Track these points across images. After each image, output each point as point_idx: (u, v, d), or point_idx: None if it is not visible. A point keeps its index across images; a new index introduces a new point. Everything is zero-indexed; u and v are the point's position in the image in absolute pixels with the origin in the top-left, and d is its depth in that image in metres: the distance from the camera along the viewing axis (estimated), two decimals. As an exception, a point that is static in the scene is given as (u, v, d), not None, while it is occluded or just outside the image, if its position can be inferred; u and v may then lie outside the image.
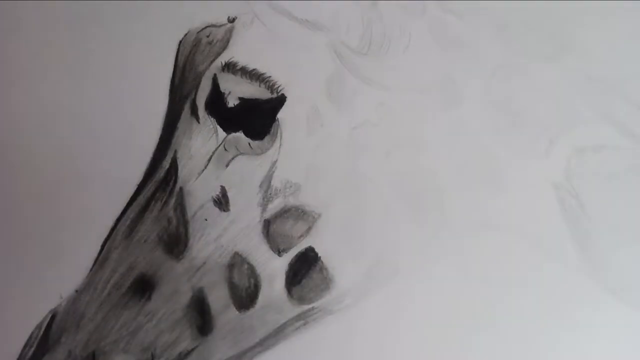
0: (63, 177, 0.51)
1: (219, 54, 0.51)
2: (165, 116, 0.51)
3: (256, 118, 0.49)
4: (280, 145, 0.49)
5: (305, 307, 0.48)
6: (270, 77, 0.50)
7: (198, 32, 0.52)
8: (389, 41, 0.51)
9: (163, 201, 0.49)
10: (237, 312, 0.48)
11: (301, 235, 0.49)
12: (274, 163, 0.49)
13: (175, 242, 0.49)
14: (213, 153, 0.50)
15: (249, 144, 0.49)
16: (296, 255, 0.48)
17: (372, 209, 0.49)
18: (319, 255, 0.48)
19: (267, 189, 0.49)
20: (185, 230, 0.49)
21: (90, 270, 0.49)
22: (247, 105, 0.49)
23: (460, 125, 0.50)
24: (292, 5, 0.52)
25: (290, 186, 0.49)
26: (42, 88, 0.52)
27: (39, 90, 0.52)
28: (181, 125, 0.50)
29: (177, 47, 0.51)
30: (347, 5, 0.52)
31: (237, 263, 0.48)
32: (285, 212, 0.49)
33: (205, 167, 0.49)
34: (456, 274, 0.49)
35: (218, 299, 0.48)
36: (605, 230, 0.49)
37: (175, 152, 0.50)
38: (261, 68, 0.50)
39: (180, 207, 0.49)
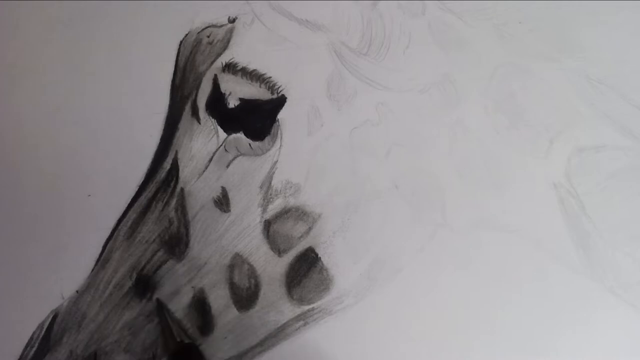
0: (64, 177, 0.51)
1: (219, 55, 0.51)
2: (166, 117, 0.51)
3: (256, 119, 0.49)
4: (280, 146, 0.49)
5: (306, 307, 0.48)
6: (270, 77, 0.50)
7: (199, 33, 0.52)
8: (389, 41, 0.51)
9: (164, 202, 0.49)
10: (237, 313, 0.48)
11: (301, 236, 0.49)
12: (275, 164, 0.49)
13: (177, 243, 0.49)
14: (214, 154, 0.50)
15: (250, 144, 0.49)
16: (296, 256, 0.49)
17: (372, 209, 0.49)
18: (319, 255, 0.48)
19: (267, 190, 0.49)
20: (186, 230, 0.49)
21: (92, 270, 0.49)
22: (248, 106, 0.50)
23: (460, 125, 0.50)
24: (292, 5, 0.52)
25: (291, 187, 0.49)
26: (42, 88, 0.52)
27: (39, 91, 0.52)
28: (182, 126, 0.50)
29: (178, 47, 0.52)
30: (347, 5, 0.52)
31: (238, 263, 0.49)
32: (285, 213, 0.49)
33: (206, 167, 0.49)
34: (456, 273, 0.49)
35: (219, 299, 0.48)
36: (605, 230, 0.49)
37: (176, 152, 0.50)
38: (261, 68, 0.51)
39: (182, 207, 0.49)
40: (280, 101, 0.50)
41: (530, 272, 0.49)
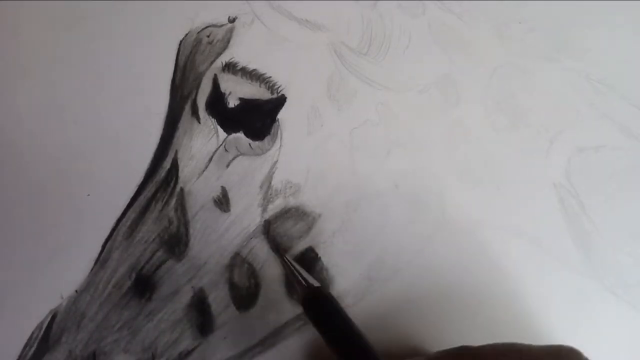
0: (63, 177, 0.50)
1: (219, 54, 0.51)
2: (166, 116, 0.51)
3: (256, 119, 0.50)
4: (280, 145, 0.50)
5: (306, 307, 0.48)
6: (270, 77, 0.50)
7: (198, 32, 0.52)
8: (389, 41, 0.51)
9: (164, 201, 0.49)
10: (237, 312, 0.48)
11: (301, 236, 0.49)
12: (274, 164, 0.49)
13: (176, 242, 0.49)
14: (214, 153, 0.50)
15: (250, 144, 0.49)
16: (296, 256, 0.48)
17: (372, 209, 0.49)
18: (319, 255, 0.48)
19: (267, 190, 0.49)
20: (185, 230, 0.49)
21: (91, 270, 0.49)
22: (248, 105, 0.50)
23: (460, 125, 0.50)
24: (292, 5, 0.52)
25: (291, 187, 0.49)
26: (42, 88, 0.52)
27: (39, 90, 0.52)
28: (182, 125, 0.50)
29: (178, 47, 0.52)
30: (347, 5, 0.52)
31: (238, 263, 0.48)
32: (285, 213, 0.49)
33: (206, 167, 0.49)
34: (456, 273, 0.49)
35: (218, 299, 0.48)
36: (605, 230, 0.49)
37: (176, 152, 0.50)
38: (261, 68, 0.51)
39: (181, 207, 0.49)
40: (280, 101, 0.50)
41: (530, 272, 0.49)
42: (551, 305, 0.48)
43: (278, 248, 0.48)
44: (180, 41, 0.51)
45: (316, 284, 0.44)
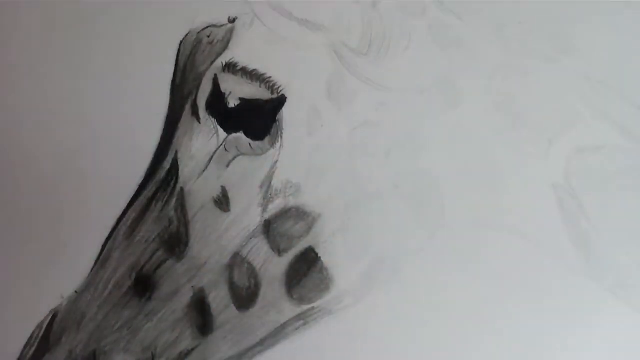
0: (64, 177, 0.51)
1: (219, 55, 0.51)
2: (167, 117, 0.51)
3: (257, 119, 0.49)
4: (280, 145, 0.49)
5: (306, 307, 0.48)
6: (270, 77, 0.50)
7: (199, 33, 0.52)
8: (389, 41, 0.51)
9: (164, 201, 0.49)
10: (237, 312, 0.48)
11: (301, 236, 0.49)
12: (275, 163, 0.49)
13: (176, 242, 0.49)
14: (214, 153, 0.50)
15: (250, 144, 0.49)
16: (296, 256, 0.49)
17: (372, 209, 0.49)
18: (319, 255, 0.48)
19: (267, 190, 0.49)
20: (186, 230, 0.49)
21: (91, 270, 0.49)
22: (248, 105, 0.50)
23: (460, 125, 0.50)
24: (292, 5, 0.52)
25: (291, 186, 0.49)
26: (42, 88, 0.52)
27: (39, 90, 0.52)
28: (182, 125, 0.50)
29: (178, 47, 0.51)
30: (347, 5, 0.52)
31: (238, 263, 0.49)
32: (285, 213, 0.49)
33: (206, 167, 0.49)
34: (456, 273, 0.49)
35: (218, 299, 0.48)
36: (605, 230, 0.49)
37: (176, 152, 0.50)
38: (261, 68, 0.51)
39: (181, 207, 0.49)
40: (280, 101, 0.50)
41: (529, 272, 0.49)
42: (550, 305, 0.48)
43: None
44: (181, 41, 0.51)
45: None
